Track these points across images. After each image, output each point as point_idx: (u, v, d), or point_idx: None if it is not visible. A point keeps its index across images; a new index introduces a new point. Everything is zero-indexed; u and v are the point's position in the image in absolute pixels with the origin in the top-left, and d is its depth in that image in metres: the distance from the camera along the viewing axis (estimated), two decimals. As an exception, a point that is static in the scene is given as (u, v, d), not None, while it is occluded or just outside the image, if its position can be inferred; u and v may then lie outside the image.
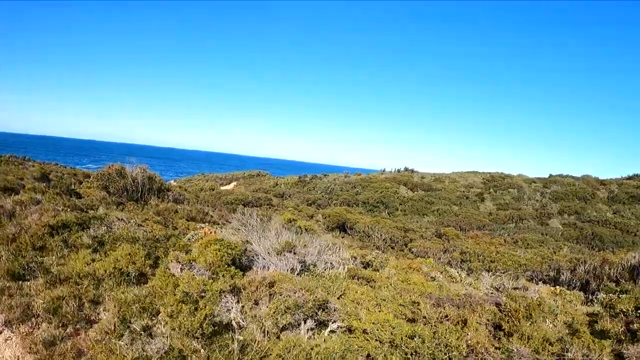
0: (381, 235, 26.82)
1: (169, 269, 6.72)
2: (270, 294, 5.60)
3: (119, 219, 9.46)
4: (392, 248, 23.75)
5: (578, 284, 16.50)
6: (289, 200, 40.33)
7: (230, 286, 5.55)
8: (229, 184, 47.86)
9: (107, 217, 8.93)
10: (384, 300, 5.99)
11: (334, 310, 5.53)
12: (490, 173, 47.69)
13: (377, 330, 5.18)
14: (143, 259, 7.17)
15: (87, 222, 8.41)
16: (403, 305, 5.93)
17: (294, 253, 7.63)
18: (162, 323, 5.13)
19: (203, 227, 10.47)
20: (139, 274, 6.75)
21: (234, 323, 5.23)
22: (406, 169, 53.14)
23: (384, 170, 54.53)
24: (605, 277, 17.10)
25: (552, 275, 18.72)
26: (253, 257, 7.41)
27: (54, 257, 7.05)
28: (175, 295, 5.43)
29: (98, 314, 5.59)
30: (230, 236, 8.59)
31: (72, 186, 12.88)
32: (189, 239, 10.68)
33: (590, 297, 13.29)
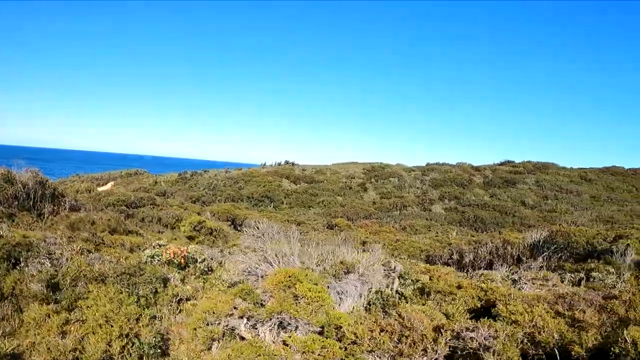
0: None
1: (210, 324, 4.16)
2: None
3: (47, 242, 6.24)
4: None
5: (483, 265, 16.93)
6: (172, 198, 37.10)
7: (393, 347, 3.33)
8: (106, 184, 43.13)
9: (37, 243, 5.72)
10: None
11: None
12: (370, 163, 49.37)
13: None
14: (143, 311, 4.45)
15: (13, 253, 5.19)
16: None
17: (352, 274, 5.55)
18: None
19: (165, 245, 7.63)
20: (161, 339, 4.06)
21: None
22: (287, 162, 52.53)
23: (264, 164, 53.52)
24: (508, 256, 17.84)
25: (456, 258, 19.12)
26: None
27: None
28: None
29: None
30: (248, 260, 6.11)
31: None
32: (143, 262, 7.75)
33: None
